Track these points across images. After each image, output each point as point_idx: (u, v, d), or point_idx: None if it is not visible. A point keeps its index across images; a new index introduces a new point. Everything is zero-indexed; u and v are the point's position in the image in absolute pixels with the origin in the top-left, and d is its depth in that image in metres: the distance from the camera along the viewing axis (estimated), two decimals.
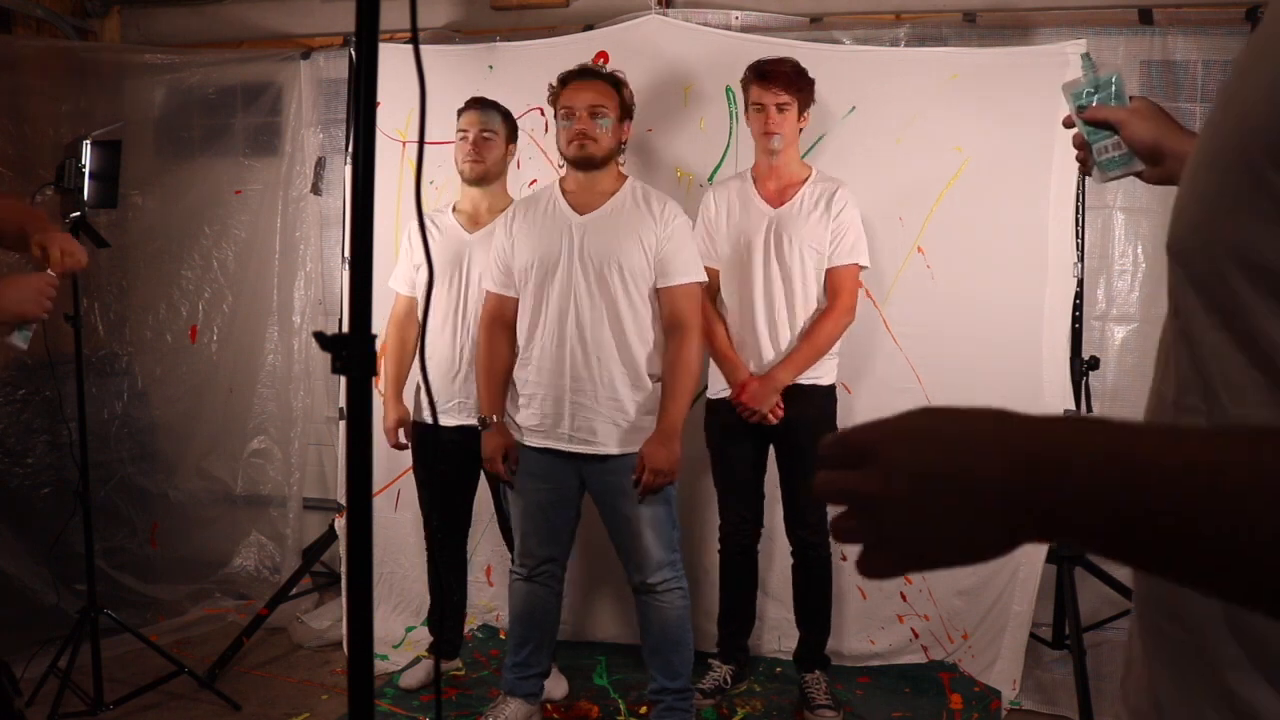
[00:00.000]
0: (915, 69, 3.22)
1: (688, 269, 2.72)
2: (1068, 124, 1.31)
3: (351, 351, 1.05)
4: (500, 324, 2.81)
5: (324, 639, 3.55)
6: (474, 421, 2.88)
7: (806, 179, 3.01)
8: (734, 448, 3.07)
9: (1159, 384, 0.74)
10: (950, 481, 0.59)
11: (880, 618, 3.33)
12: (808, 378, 2.96)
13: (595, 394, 2.68)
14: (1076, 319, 3.17)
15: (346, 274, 3.26)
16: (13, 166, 3.73)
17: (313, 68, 3.99)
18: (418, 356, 3.11)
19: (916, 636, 3.31)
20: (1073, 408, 3.13)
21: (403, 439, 3.12)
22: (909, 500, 0.60)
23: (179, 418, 4.10)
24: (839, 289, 2.97)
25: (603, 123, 2.70)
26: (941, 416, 0.62)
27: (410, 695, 3.17)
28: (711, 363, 3.05)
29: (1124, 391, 3.44)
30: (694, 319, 2.71)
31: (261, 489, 4.07)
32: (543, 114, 3.36)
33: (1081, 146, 1.28)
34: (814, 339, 2.94)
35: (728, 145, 3.35)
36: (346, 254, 3.40)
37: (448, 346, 3.06)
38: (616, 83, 2.77)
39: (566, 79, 2.77)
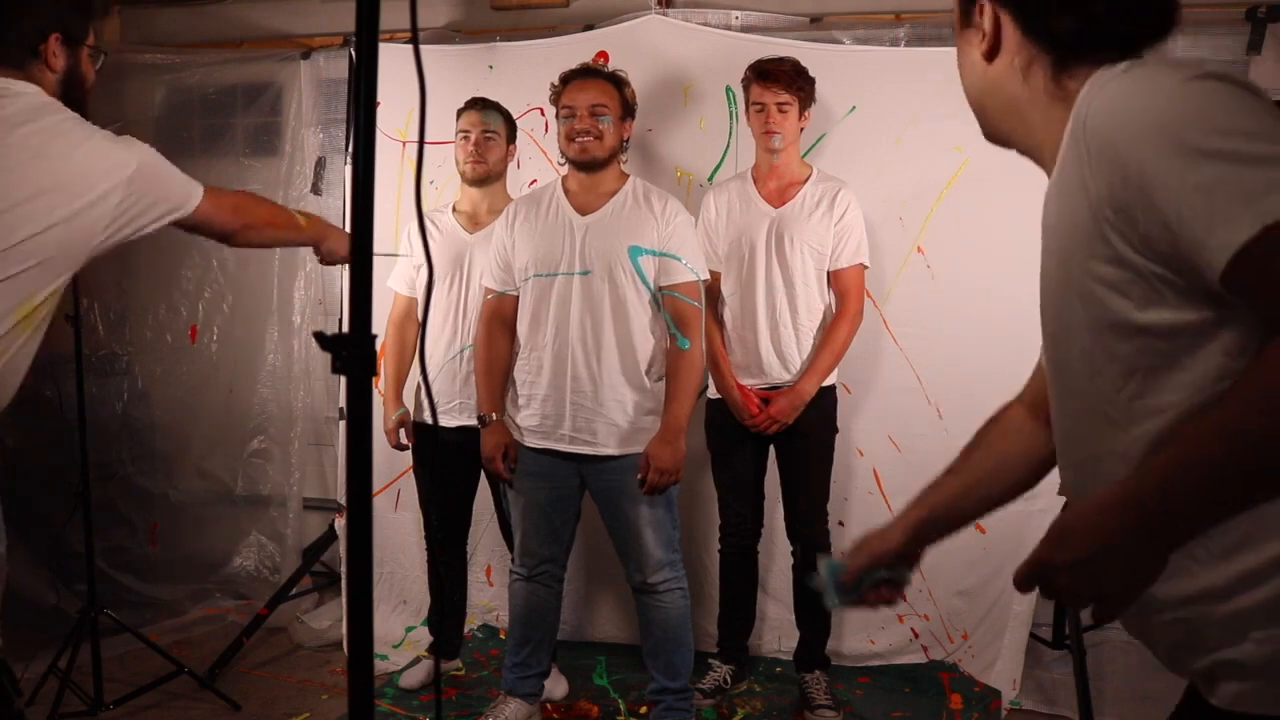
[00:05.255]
0: (915, 69, 3.21)
1: (690, 267, 2.72)
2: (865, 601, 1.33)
3: (351, 351, 1.05)
4: (499, 322, 2.81)
5: (324, 639, 3.54)
6: (474, 422, 2.88)
7: (807, 178, 3.01)
8: (734, 447, 3.07)
9: (1111, 444, 1.05)
10: (1106, 550, 0.91)
11: (880, 618, 3.32)
12: None
13: (596, 394, 2.68)
14: None
15: (346, 274, 3.27)
16: None
17: (313, 68, 3.98)
18: (418, 357, 3.11)
19: (916, 636, 3.31)
20: None
21: (404, 439, 3.12)
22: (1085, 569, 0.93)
23: (179, 418, 4.10)
24: (847, 292, 2.98)
25: (604, 121, 2.69)
26: (1075, 518, 0.95)
27: (410, 695, 3.17)
28: None
29: None
30: (696, 318, 2.71)
31: (261, 489, 4.07)
32: (543, 114, 3.36)
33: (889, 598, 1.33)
34: (833, 346, 2.96)
35: (728, 145, 3.35)
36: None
37: (448, 347, 3.06)
38: (618, 81, 2.77)
39: (568, 78, 2.77)
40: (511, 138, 3.14)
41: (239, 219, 2.07)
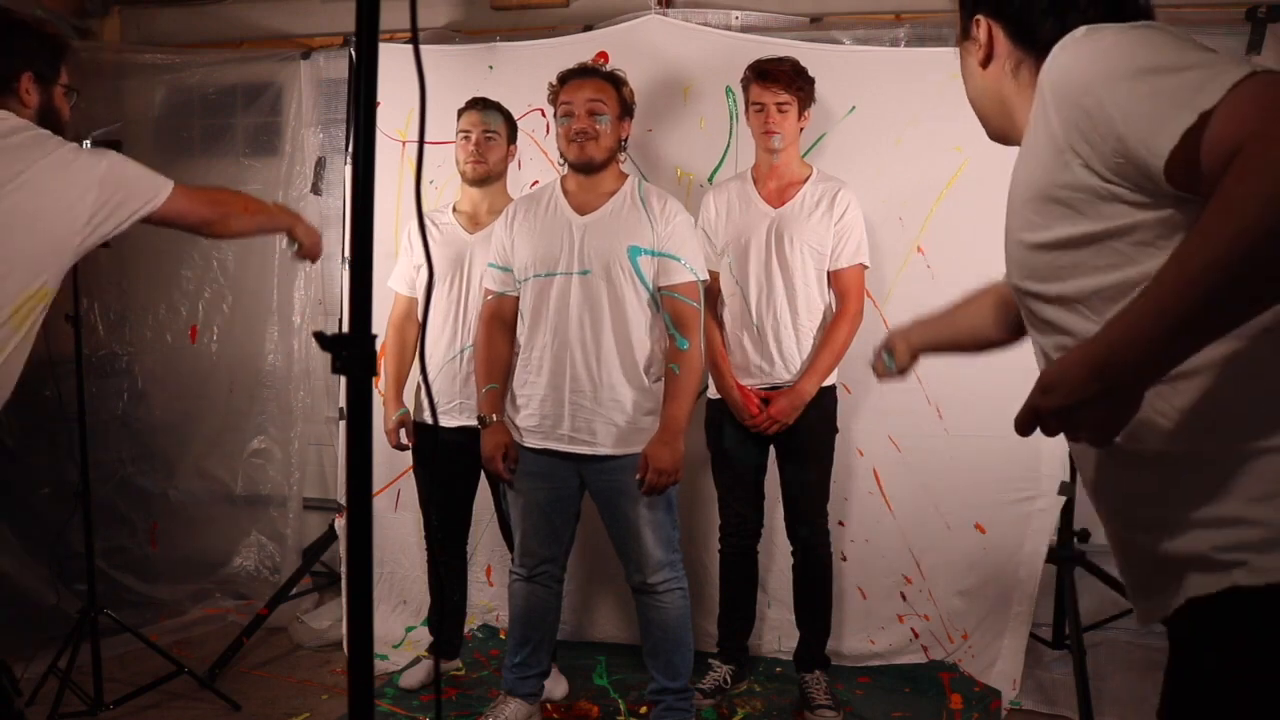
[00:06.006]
0: (915, 69, 3.21)
1: (689, 268, 2.72)
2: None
3: (351, 351, 1.06)
4: (499, 322, 2.81)
5: (324, 639, 3.55)
6: (474, 422, 2.88)
7: (807, 178, 3.01)
8: (735, 447, 3.07)
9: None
10: (1085, 398, 1.03)
11: (880, 618, 3.33)
12: None
13: (595, 394, 2.68)
14: None
15: (346, 274, 3.27)
16: None
17: (313, 68, 3.98)
18: (418, 357, 3.11)
19: (916, 636, 3.31)
20: None
21: (404, 439, 3.12)
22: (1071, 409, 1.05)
23: (179, 418, 4.10)
24: (846, 292, 2.98)
25: (601, 121, 2.69)
26: (1058, 370, 1.06)
27: (410, 695, 3.17)
28: None
29: None
30: (695, 318, 2.71)
31: (261, 489, 4.07)
32: (543, 114, 3.37)
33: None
34: (833, 346, 2.96)
35: (728, 145, 3.35)
36: (346, 254, 3.40)
37: (448, 347, 3.06)
38: (616, 80, 2.77)
39: (565, 78, 2.77)
40: (512, 138, 3.14)
41: (219, 209, 2.27)
